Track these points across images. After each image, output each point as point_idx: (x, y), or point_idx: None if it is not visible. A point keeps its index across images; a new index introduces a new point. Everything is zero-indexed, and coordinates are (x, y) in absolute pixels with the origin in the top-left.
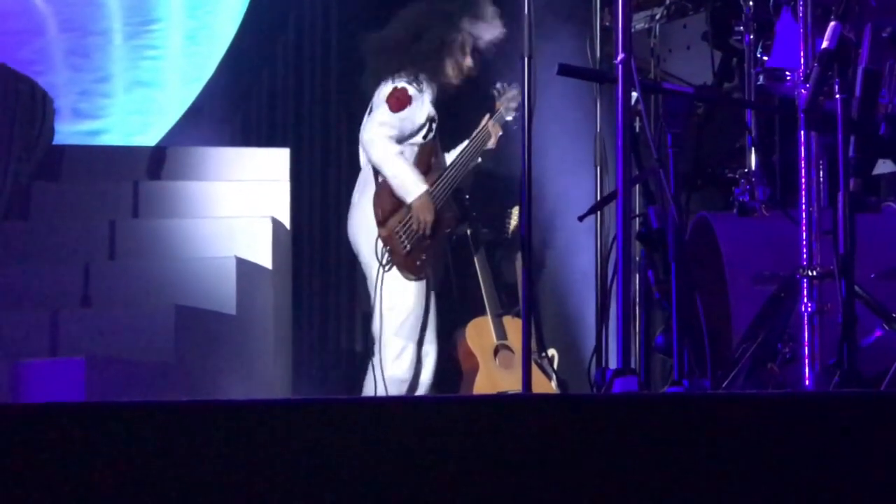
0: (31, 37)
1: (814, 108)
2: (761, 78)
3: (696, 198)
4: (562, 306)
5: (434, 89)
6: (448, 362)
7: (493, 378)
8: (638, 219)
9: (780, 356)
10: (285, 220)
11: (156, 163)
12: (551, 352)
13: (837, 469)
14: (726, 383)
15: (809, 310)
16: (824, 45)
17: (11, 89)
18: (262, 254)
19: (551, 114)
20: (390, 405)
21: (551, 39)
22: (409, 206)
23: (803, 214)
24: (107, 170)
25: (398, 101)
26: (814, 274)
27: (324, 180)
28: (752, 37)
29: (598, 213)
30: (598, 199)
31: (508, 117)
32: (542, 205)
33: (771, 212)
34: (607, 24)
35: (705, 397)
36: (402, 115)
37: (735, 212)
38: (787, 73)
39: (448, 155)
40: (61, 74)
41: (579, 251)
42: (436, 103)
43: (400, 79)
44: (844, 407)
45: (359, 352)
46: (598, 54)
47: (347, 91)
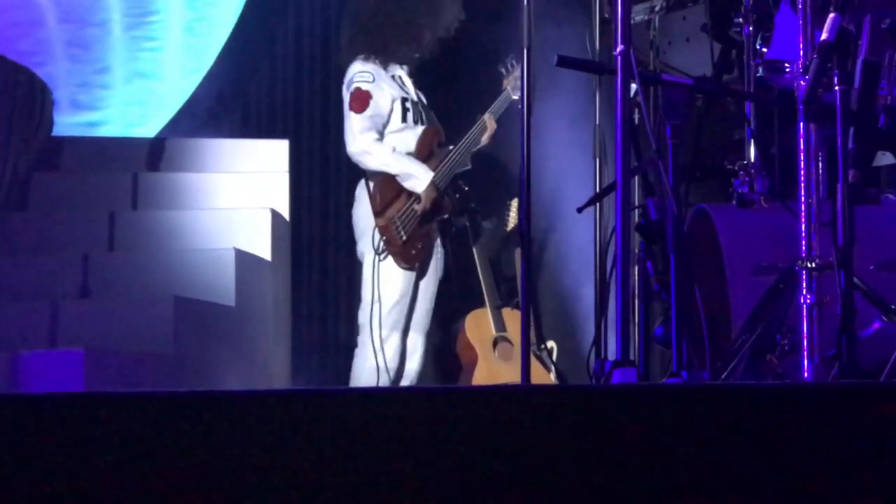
0: (30, 28)
1: (813, 99)
2: (761, 69)
3: (695, 189)
4: (561, 298)
5: (397, 69)
6: (447, 354)
7: (493, 370)
8: (637, 210)
9: (779, 348)
10: (284, 212)
11: (155, 154)
12: (550, 343)
13: (836, 460)
14: (725, 375)
15: (808, 301)
16: (823, 36)
17: (10, 80)
18: (261, 245)
19: (550, 105)
20: (390, 395)
21: (551, 31)
22: (408, 195)
23: (802, 206)
24: (106, 161)
25: (359, 101)
26: (813, 265)
27: (323, 172)
28: (751, 28)
29: (598, 205)
30: (597, 190)
31: (514, 96)
32: (540, 196)
33: (770, 203)
34: (607, 15)
35: (704, 388)
36: (369, 113)
37: (734, 203)
38: (786, 64)
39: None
40: (60, 66)
41: (578, 243)
42: (420, 84)
43: (355, 68)
44: (843, 398)
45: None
46: (598, 46)
47: None
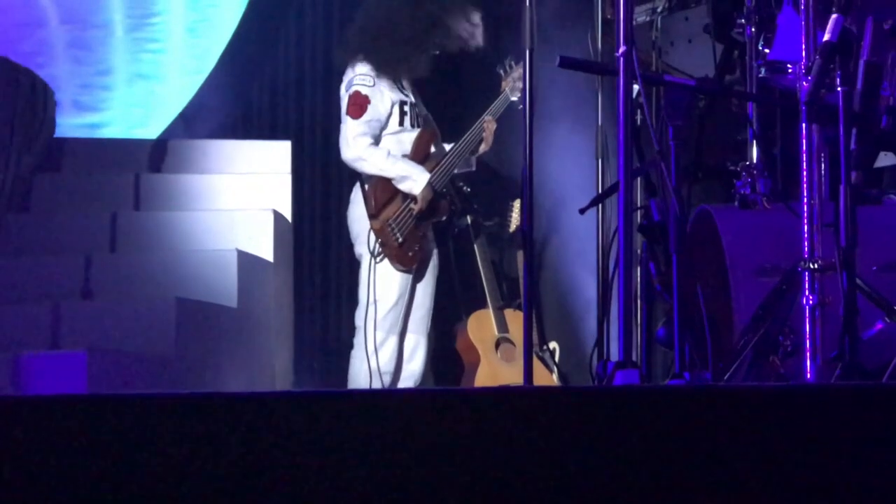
0: (32, 29)
1: (815, 100)
2: (763, 70)
3: (697, 190)
4: (563, 299)
5: (395, 77)
6: (449, 355)
7: (495, 371)
8: (639, 211)
9: (782, 349)
10: (286, 213)
11: (157, 155)
12: (553, 344)
13: (839, 462)
14: (728, 376)
15: (811, 302)
16: (826, 37)
17: (12, 82)
18: (263, 246)
19: (553, 106)
20: (393, 397)
21: (553, 32)
22: (403, 197)
23: (805, 207)
24: (108, 162)
25: (358, 107)
26: (815, 266)
27: (325, 173)
28: (753, 29)
29: (600, 206)
30: (600, 191)
31: (514, 97)
32: (543, 197)
33: (772, 204)
34: (609, 16)
35: (706, 390)
36: (366, 118)
37: (736, 204)
38: (788, 65)
39: (447, 146)
40: (62, 67)
41: (581, 244)
42: (417, 85)
43: (353, 71)
44: (846, 399)
45: None
46: (600, 47)
47: None
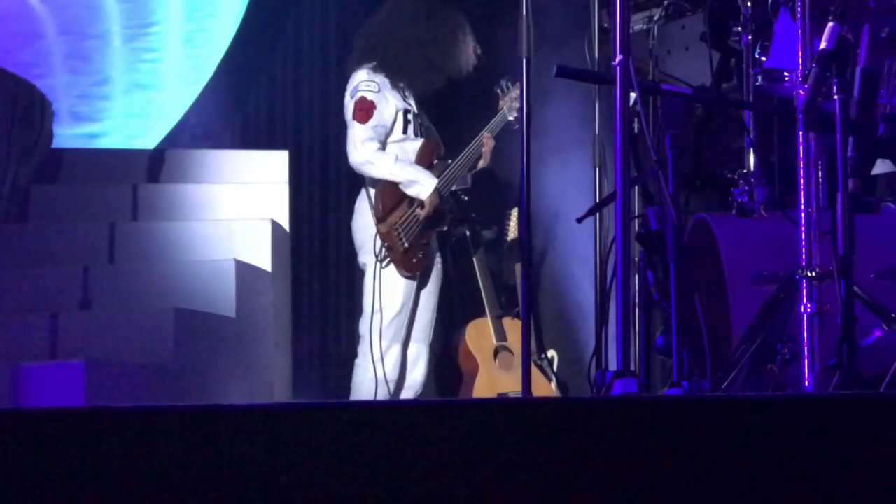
0: (29, 40)
1: (812, 108)
2: (760, 79)
3: (695, 199)
4: (561, 307)
5: (402, 85)
6: (447, 363)
7: (493, 379)
8: (637, 220)
9: (780, 357)
10: (284, 223)
11: (155, 165)
12: (551, 353)
13: (837, 470)
14: (726, 384)
15: (809, 310)
16: (822, 45)
17: (10, 92)
18: (261, 256)
19: (550, 115)
20: (391, 409)
21: (550, 41)
22: (409, 202)
23: (802, 215)
24: (106, 173)
25: (364, 111)
26: (813, 274)
27: (323, 182)
28: (750, 37)
29: (598, 215)
30: (597, 200)
31: (511, 116)
32: (541, 206)
33: (770, 212)
34: (605, 25)
35: (705, 399)
36: (372, 124)
37: (734, 212)
38: (785, 73)
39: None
40: (60, 77)
41: (578, 252)
42: (419, 98)
43: (360, 76)
44: (844, 408)
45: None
46: (597, 56)
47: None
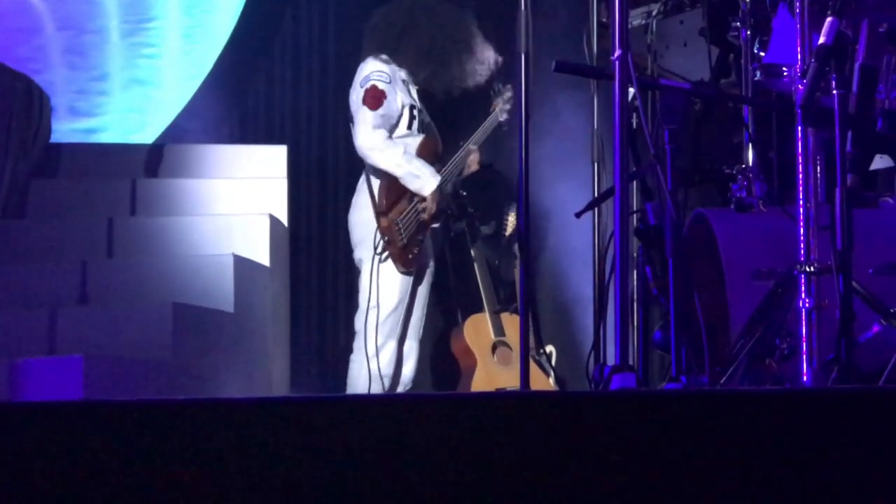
0: (27, 35)
1: (811, 103)
2: (758, 74)
3: (693, 194)
4: (559, 303)
5: (410, 79)
6: (445, 359)
7: (492, 375)
8: (635, 215)
9: (778, 352)
10: (283, 218)
11: (153, 160)
12: (549, 348)
13: (836, 465)
14: (724, 379)
15: (807, 305)
16: (821, 40)
17: (8, 87)
18: (259, 251)
19: (548, 110)
20: (389, 403)
21: (548, 36)
22: (410, 198)
23: (801, 210)
24: (104, 168)
25: (374, 98)
26: (811, 269)
27: (321, 177)
28: (748, 33)
29: (596, 210)
30: (596, 195)
31: (502, 117)
32: (539, 202)
33: (768, 208)
34: (604, 19)
35: (703, 394)
36: (381, 112)
37: (732, 208)
38: (784, 68)
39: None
40: (58, 72)
41: (576, 248)
42: (422, 95)
43: (372, 65)
44: (842, 403)
45: None
46: (595, 51)
47: (345, 88)
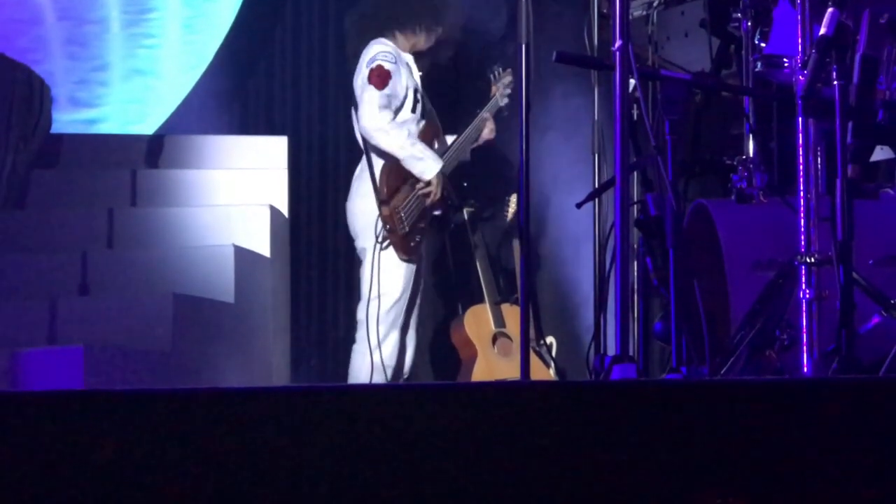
0: (28, 25)
1: (811, 94)
2: (759, 65)
3: (694, 185)
4: (560, 294)
5: (410, 57)
6: (445, 350)
7: (492, 366)
8: (636, 206)
9: (779, 343)
10: (283, 208)
11: (153, 151)
12: (550, 339)
13: (835, 455)
14: (724, 370)
15: (808, 296)
16: (822, 31)
17: (9, 78)
18: (260, 242)
19: (549, 101)
20: (390, 392)
21: (549, 27)
22: (412, 185)
23: (801, 201)
24: (104, 158)
25: (380, 77)
26: (812, 260)
27: (322, 168)
28: (749, 23)
29: (597, 201)
30: (597, 186)
31: (502, 102)
32: (539, 192)
33: (769, 198)
34: (605, 10)
35: (703, 384)
36: (387, 92)
37: (733, 198)
38: (784, 59)
39: (448, 137)
40: (59, 63)
41: (577, 238)
42: (423, 78)
43: (377, 47)
44: (842, 393)
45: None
46: (596, 41)
47: (346, 79)
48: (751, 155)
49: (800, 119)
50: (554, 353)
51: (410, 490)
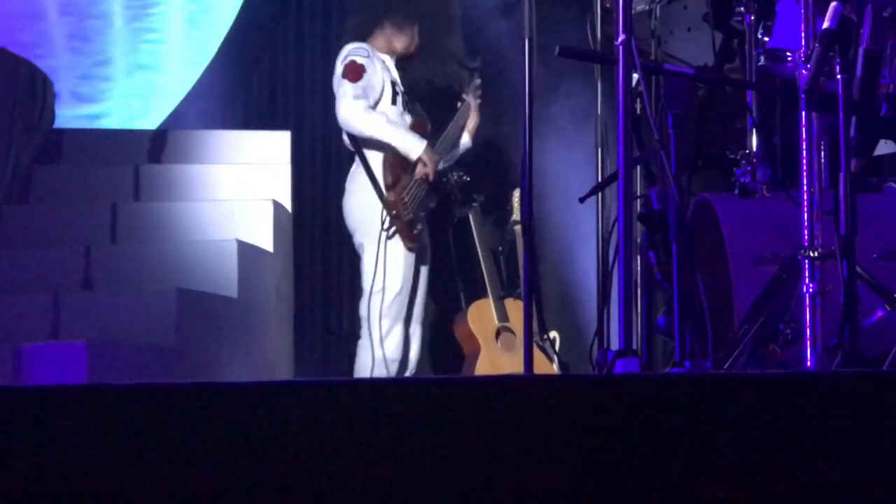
0: (31, 20)
1: (815, 88)
2: (762, 59)
3: (697, 179)
4: (563, 288)
5: (387, 57)
6: (448, 345)
7: (495, 360)
8: (639, 200)
9: (782, 337)
10: (286, 203)
11: (157, 146)
12: (553, 334)
13: (839, 449)
14: (728, 364)
15: (811, 290)
16: (825, 25)
17: (12, 73)
18: (263, 237)
19: (552, 96)
20: (393, 386)
21: (552, 21)
22: (411, 173)
23: (805, 195)
24: (108, 153)
25: (353, 72)
26: (815, 255)
27: (325, 163)
28: (752, 18)
29: (600, 195)
30: (600, 180)
31: (475, 103)
32: (542, 186)
33: (772, 193)
34: (608, 4)
35: (707, 378)
36: (363, 84)
37: (736, 193)
38: (787, 53)
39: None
40: (62, 58)
41: (580, 233)
42: (402, 74)
43: (350, 45)
44: (846, 387)
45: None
46: (599, 36)
47: None
48: (754, 149)
49: (803, 113)
50: (557, 348)
51: (414, 484)
